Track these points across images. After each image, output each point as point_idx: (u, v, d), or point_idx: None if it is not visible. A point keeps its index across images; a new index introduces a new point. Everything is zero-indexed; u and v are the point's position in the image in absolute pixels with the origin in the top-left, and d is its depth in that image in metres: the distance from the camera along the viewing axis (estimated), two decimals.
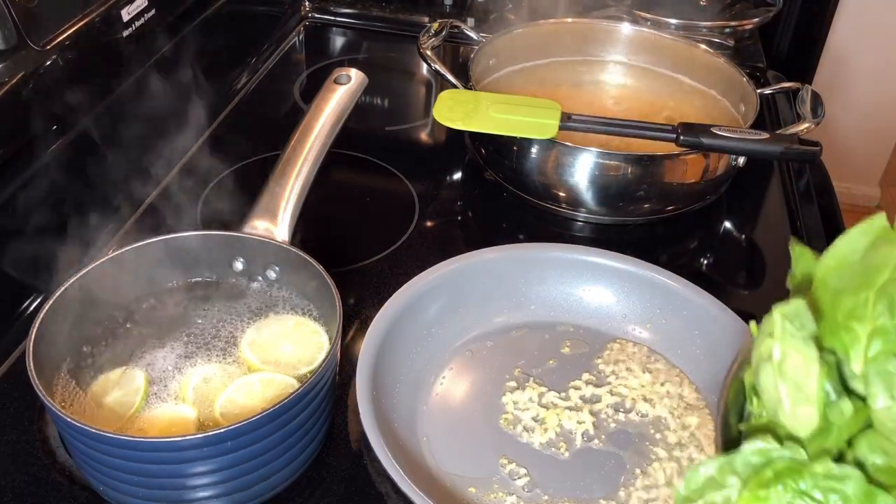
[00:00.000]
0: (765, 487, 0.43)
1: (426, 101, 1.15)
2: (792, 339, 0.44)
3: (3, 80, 0.72)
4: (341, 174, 0.95)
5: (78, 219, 0.75)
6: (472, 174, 0.98)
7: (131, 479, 0.55)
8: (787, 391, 0.44)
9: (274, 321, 0.66)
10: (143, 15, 0.89)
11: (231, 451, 0.54)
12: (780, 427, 0.46)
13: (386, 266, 0.82)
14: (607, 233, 0.90)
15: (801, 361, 0.44)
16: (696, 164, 0.87)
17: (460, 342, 0.73)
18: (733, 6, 1.26)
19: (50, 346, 0.59)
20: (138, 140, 0.85)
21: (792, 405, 0.44)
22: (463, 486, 0.62)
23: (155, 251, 0.66)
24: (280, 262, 0.68)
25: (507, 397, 0.69)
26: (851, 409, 0.44)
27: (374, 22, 1.28)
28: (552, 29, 1.07)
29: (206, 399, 0.60)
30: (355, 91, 0.80)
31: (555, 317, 0.76)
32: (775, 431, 0.46)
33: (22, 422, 0.64)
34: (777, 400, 0.45)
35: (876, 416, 0.43)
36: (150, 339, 0.65)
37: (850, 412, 0.44)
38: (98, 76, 0.83)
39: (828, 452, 0.44)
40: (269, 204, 0.69)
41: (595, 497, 0.62)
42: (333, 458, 0.64)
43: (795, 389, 0.44)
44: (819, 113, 0.89)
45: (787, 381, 0.44)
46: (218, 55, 1.05)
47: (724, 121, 0.95)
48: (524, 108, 0.86)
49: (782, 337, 0.44)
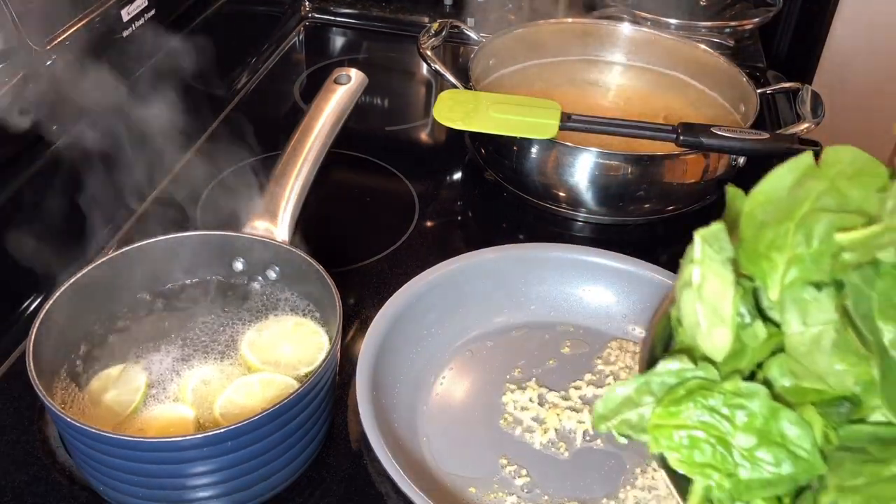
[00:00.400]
0: (676, 404, 0.45)
1: (426, 101, 1.15)
2: (711, 263, 0.46)
3: (3, 80, 0.72)
4: (341, 174, 0.95)
5: (77, 219, 0.75)
6: (472, 174, 0.98)
7: (131, 479, 0.55)
8: (705, 313, 0.46)
9: (274, 322, 0.66)
10: (143, 15, 0.89)
11: (231, 452, 0.54)
12: (698, 350, 0.47)
13: (386, 266, 0.82)
14: (607, 233, 0.90)
15: (718, 284, 0.45)
16: (696, 164, 0.86)
17: (460, 342, 0.73)
18: (733, 6, 1.26)
19: (50, 346, 0.59)
20: (138, 140, 0.85)
21: (708, 326, 0.46)
22: (463, 486, 0.62)
23: (154, 251, 0.66)
24: (280, 263, 0.68)
25: (508, 397, 0.69)
26: (765, 332, 0.46)
27: (374, 22, 1.28)
28: (552, 29, 1.07)
29: (205, 399, 0.60)
30: (355, 91, 0.80)
31: (555, 317, 0.76)
32: (692, 354, 0.48)
33: (22, 422, 0.64)
34: (695, 323, 0.47)
35: (788, 340, 0.45)
36: (150, 340, 0.65)
37: (763, 335, 0.46)
38: (97, 76, 0.83)
39: (739, 373, 0.46)
40: (269, 204, 0.69)
41: (595, 497, 0.62)
42: (333, 458, 0.63)
43: (712, 311, 0.46)
44: (819, 113, 0.89)
45: (705, 303, 0.46)
46: (218, 55, 1.05)
47: (724, 121, 0.95)
48: (524, 108, 0.86)
49: (702, 260, 0.46)
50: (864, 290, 0.41)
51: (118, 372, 0.62)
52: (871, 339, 0.41)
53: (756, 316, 0.46)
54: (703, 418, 0.45)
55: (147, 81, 0.90)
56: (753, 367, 0.47)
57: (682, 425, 0.45)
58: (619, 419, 0.48)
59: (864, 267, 0.42)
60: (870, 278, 0.41)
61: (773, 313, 0.47)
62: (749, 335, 0.46)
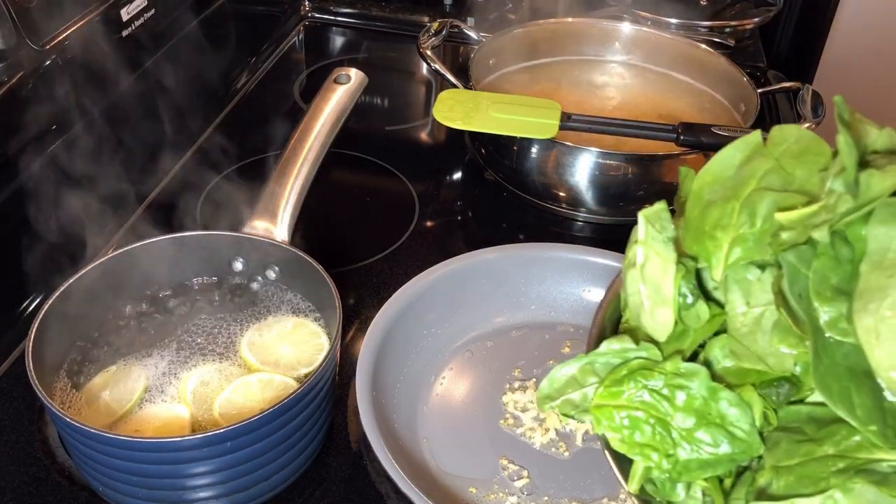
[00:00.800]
0: (618, 384, 0.45)
1: (426, 101, 1.15)
2: (653, 243, 0.46)
3: (3, 80, 0.72)
4: (341, 174, 0.95)
5: (77, 218, 0.74)
6: (472, 174, 0.98)
7: (131, 480, 0.55)
8: (648, 293, 0.46)
9: (273, 322, 0.66)
10: (142, 15, 0.89)
11: (231, 452, 0.54)
12: (642, 330, 0.47)
13: (386, 266, 0.82)
14: (607, 233, 0.90)
15: (660, 264, 0.46)
16: (696, 164, 0.86)
17: (460, 342, 0.73)
18: (733, 6, 1.26)
19: (50, 346, 0.59)
20: (138, 140, 0.85)
21: (651, 306, 0.46)
22: (463, 486, 0.62)
23: (154, 251, 0.66)
24: (280, 263, 0.68)
25: (508, 397, 0.69)
26: (707, 312, 0.46)
27: (374, 22, 1.28)
28: (552, 29, 1.07)
29: (204, 400, 0.60)
30: (355, 91, 0.80)
31: (555, 317, 0.76)
32: (636, 334, 0.48)
33: (22, 422, 0.64)
34: (639, 303, 0.47)
35: (731, 321, 0.45)
36: (150, 339, 0.65)
37: (706, 316, 0.46)
38: (97, 76, 0.83)
39: (681, 353, 0.46)
40: (268, 204, 0.69)
41: (595, 497, 0.62)
42: (333, 458, 0.63)
43: (654, 291, 0.46)
44: (819, 112, 0.89)
45: (648, 283, 0.46)
46: (218, 55, 1.05)
47: (724, 121, 0.95)
48: (524, 108, 0.86)
49: (645, 240, 0.46)
50: (800, 269, 0.41)
51: (116, 371, 0.62)
52: (806, 319, 0.40)
53: (699, 296, 0.46)
54: (644, 398, 0.45)
55: (146, 81, 0.90)
56: (696, 347, 0.46)
57: (623, 406, 0.45)
58: (563, 399, 0.48)
59: (802, 247, 0.41)
60: (806, 258, 0.41)
61: (717, 294, 0.46)
62: (692, 316, 0.46)
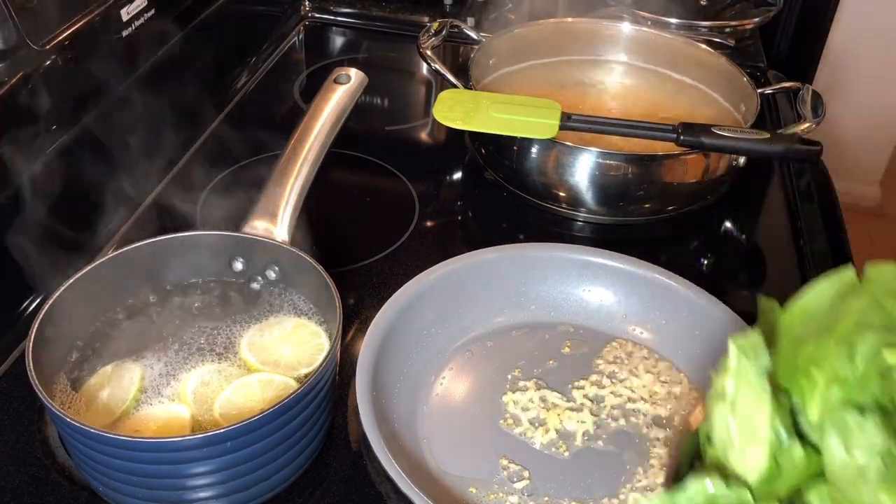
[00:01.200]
0: None
1: (426, 101, 1.15)
2: (746, 374, 0.43)
3: (3, 80, 0.72)
4: (341, 174, 0.95)
5: (77, 218, 0.74)
6: (472, 174, 0.98)
7: (131, 480, 0.55)
8: (738, 429, 0.43)
9: (273, 322, 0.66)
10: (142, 15, 0.89)
11: (231, 452, 0.54)
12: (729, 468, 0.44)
13: (386, 266, 0.82)
14: (607, 233, 0.90)
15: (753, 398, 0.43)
16: (696, 164, 0.86)
17: (460, 342, 0.73)
18: (733, 6, 1.26)
19: (49, 346, 0.59)
20: (138, 140, 0.85)
21: (742, 444, 0.43)
22: (463, 486, 0.62)
23: (154, 251, 0.66)
24: (280, 263, 0.68)
25: (508, 397, 0.68)
26: (802, 454, 0.43)
27: (374, 22, 1.28)
28: (552, 29, 1.07)
29: (204, 400, 0.60)
30: (355, 91, 0.80)
31: (555, 317, 0.76)
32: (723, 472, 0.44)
33: (22, 422, 0.64)
34: (728, 439, 0.44)
35: (830, 467, 0.41)
36: (149, 340, 0.65)
37: (801, 458, 0.43)
38: (97, 76, 0.83)
39: (775, 497, 0.42)
40: (268, 204, 0.69)
41: (596, 497, 0.62)
42: (333, 458, 0.63)
43: (746, 428, 0.43)
44: (819, 112, 0.89)
45: (739, 418, 0.43)
46: (218, 55, 1.04)
47: (725, 121, 0.95)
48: (524, 108, 0.85)
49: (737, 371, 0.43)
50: None
51: (114, 371, 0.62)
52: None
53: (793, 435, 0.43)
54: None
55: (146, 81, 0.90)
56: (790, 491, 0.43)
57: None
58: None
59: None
60: None
61: (810, 432, 0.43)
62: (786, 457, 0.42)
